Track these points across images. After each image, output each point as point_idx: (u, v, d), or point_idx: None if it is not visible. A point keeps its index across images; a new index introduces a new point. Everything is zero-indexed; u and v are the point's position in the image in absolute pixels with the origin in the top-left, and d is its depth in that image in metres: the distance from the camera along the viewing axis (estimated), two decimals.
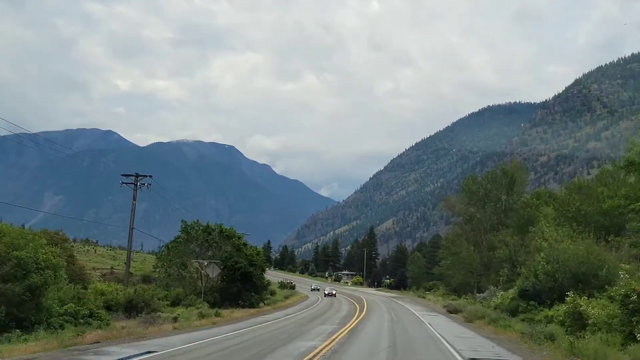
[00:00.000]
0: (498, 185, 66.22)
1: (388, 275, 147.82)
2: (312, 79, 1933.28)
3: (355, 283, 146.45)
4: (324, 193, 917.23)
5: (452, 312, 49.50)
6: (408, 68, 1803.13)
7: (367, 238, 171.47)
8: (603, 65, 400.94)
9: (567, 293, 26.16)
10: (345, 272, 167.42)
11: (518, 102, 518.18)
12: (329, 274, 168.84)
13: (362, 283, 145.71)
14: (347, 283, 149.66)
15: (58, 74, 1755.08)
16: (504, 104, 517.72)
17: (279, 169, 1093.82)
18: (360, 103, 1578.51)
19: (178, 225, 56.43)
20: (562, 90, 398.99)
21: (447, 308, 53.51)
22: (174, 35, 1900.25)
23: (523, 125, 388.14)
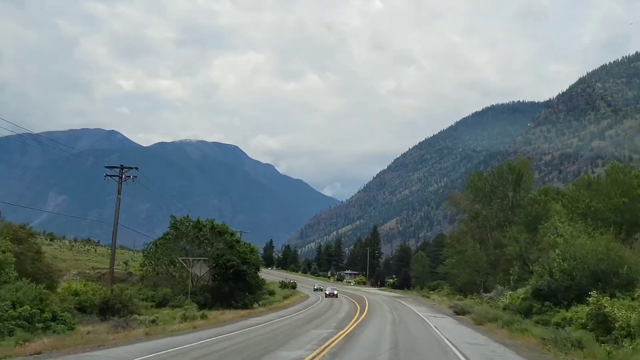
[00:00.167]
0: (504, 182, 64.55)
1: (391, 275, 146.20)
2: (314, 79, 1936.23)
3: (358, 283, 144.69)
4: (327, 193, 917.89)
5: (459, 313, 46.85)
6: (410, 67, 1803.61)
7: (370, 237, 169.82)
8: (607, 64, 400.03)
9: (589, 293, 24.01)
10: (348, 271, 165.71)
11: (521, 101, 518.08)
12: (332, 274, 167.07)
13: (365, 283, 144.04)
14: (349, 283, 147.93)
15: (61, 74, 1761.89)
16: (508, 103, 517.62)
17: (282, 169, 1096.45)
18: (363, 102, 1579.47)
19: None
20: (566, 89, 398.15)
21: (453, 309, 50.84)
22: (177, 35, 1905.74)
23: (529, 125, 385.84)
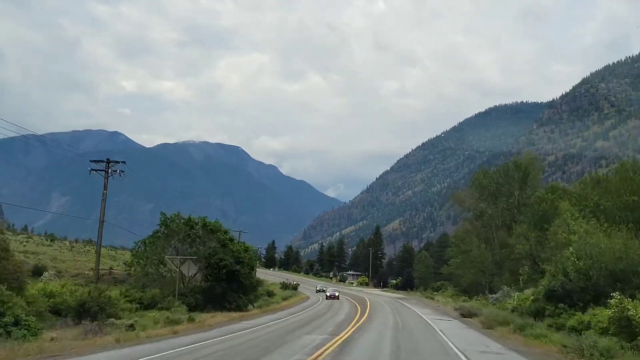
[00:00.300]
0: (510, 180, 63.38)
1: (394, 276, 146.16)
2: (317, 79, 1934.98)
3: (361, 283, 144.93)
4: (330, 193, 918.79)
5: (465, 315, 44.47)
6: (413, 68, 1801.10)
7: (373, 237, 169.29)
8: (611, 64, 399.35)
9: (611, 294, 22.38)
10: (351, 272, 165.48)
11: (525, 101, 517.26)
12: (334, 274, 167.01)
13: (367, 283, 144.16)
14: (352, 283, 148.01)
15: (63, 75, 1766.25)
16: (511, 104, 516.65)
17: (285, 170, 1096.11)
18: (366, 103, 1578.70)
19: None
20: (569, 90, 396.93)
21: (459, 311, 48.85)
22: (179, 36, 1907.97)
23: (535, 125, 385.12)
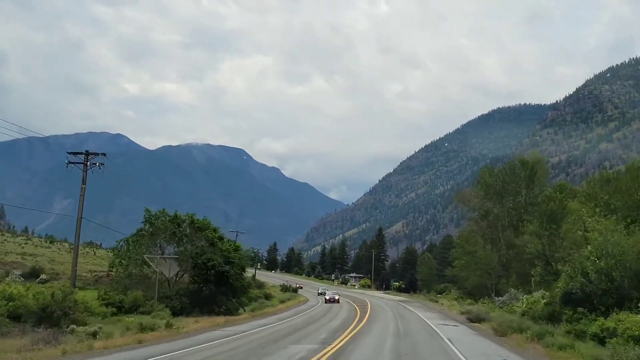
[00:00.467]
0: (517, 178, 62.10)
1: (397, 278, 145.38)
2: (320, 82, 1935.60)
3: (363, 286, 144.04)
4: (333, 196, 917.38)
5: (473, 320, 41.23)
6: (416, 70, 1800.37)
7: (375, 239, 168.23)
8: (614, 66, 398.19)
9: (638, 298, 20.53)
10: (353, 274, 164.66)
11: (528, 103, 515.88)
12: (336, 277, 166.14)
13: (370, 286, 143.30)
14: (354, 286, 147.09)
15: (67, 77, 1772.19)
16: (514, 106, 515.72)
17: (288, 172, 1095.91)
18: (369, 105, 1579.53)
19: None
20: (573, 92, 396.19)
21: (466, 315, 45.37)
22: (183, 39, 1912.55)
23: (538, 127, 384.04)
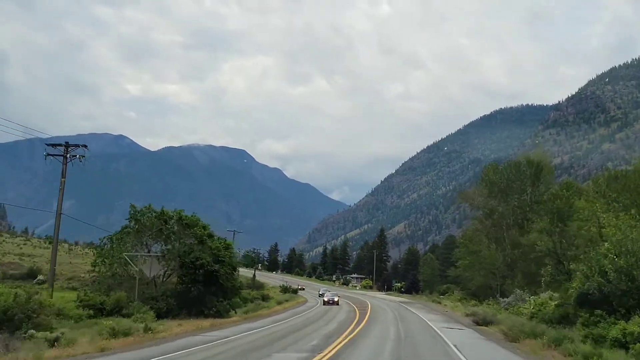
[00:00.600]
0: (522, 176, 60.94)
1: (399, 279, 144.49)
2: (322, 82, 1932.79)
3: (365, 287, 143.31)
4: (335, 197, 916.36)
5: (480, 323, 38.57)
6: (417, 70, 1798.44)
7: (377, 240, 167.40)
8: (617, 66, 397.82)
9: None
10: (354, 275, 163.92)
11: (530, 104, 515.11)
12: (337, 278, 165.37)
13: (371, 287, 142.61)
14: (355, 287, 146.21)
15: (68, 78, 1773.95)
16: (516, 107, 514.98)
17: (290, 173, 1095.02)
18: (370, 106, 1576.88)
19: None
20: (575, 92, 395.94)
21: (471, 317, 42.65)
22: (184, 39, 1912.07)
23: (541, 128, 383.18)
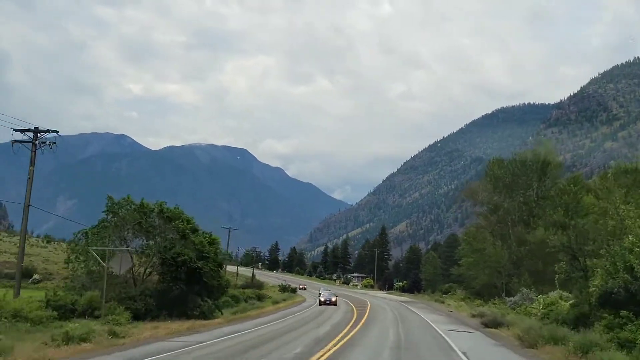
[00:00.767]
0: (528, 170, 59.23)
1: (401, 278, 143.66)
2: (323, 82, 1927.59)
3: (366, 286, 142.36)
4: (337, 196, 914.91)
5: (489, 325, 35.38)
6: (419, 70, 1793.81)
7: (378, 238, 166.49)
8: (619, 65, 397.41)
9: None
10: (355, 274, 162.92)
11: (532, 103, 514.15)
12: (338, 277, 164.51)
13: (372, 286, 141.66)
14: (356, 286, 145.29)
15: (70, 78, 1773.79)
16: (518, 105, 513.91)
17: (292, 172, 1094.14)
18: (372, 105, 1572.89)
19: None
20: (577, 91, 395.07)
21: (479, 319, 39.19)
22: (186, 39, 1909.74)
23: (543, 127, 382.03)
